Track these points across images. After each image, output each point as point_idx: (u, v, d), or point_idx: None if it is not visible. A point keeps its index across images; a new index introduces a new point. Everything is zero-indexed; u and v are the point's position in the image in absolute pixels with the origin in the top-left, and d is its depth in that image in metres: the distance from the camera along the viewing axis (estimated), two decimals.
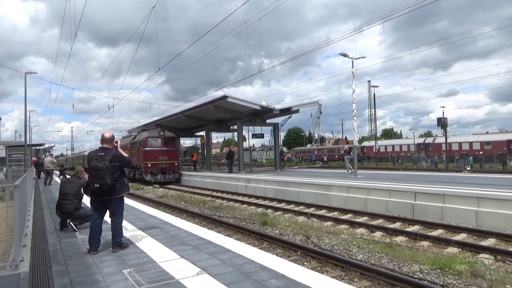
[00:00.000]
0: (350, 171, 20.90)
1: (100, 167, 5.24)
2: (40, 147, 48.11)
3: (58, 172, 28.96)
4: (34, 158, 35.01)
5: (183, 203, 16.46)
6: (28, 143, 33.72)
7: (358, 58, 18.85)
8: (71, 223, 7.36)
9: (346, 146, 24.08)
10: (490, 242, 8.16)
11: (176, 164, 28.20)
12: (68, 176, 10.14)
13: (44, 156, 33.47)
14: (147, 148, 26.83)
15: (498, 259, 6.89)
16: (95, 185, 5.26)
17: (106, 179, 5.24)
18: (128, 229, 7.37)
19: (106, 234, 6.00)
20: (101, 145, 5.68)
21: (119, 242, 5.71)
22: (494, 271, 5.97)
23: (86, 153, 47.89)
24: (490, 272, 5.81)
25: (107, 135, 5.72)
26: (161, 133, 27.73)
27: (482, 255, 7.12)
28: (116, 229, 5.70)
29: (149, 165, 26.34)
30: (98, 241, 5.65)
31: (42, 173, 29.80)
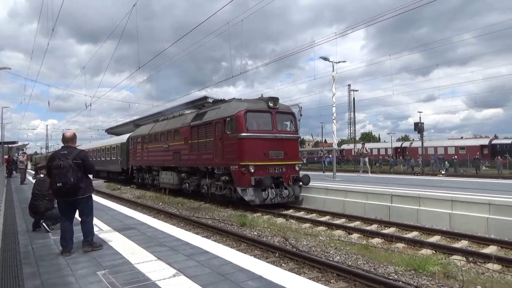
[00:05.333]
0: (364, 173, 21.92)
1: (62, 165, 5.13)
2: (13, 145, 46.59)
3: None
4: (5, 157, 33.91)
5: (161, 204, 16.25)
6: (0, 140, 32.63)
7: (339, 62, 19.08)
8: (43, 223, 7.16)
9: (363, 149, 24.27)
10: (462, 244, 8.38)
11: (297, 168, 14.41)
12: (41, 176, 9.89)
13: (17, 154, 32.49)
14: (246, 133, 13.06)
15: (469, 260, 7.07)
16: (58, 184, 5.13)
17: (69, 177, 5.11)
18: (104, 230, 7.23)
19: (80, 235, 5.86)
20: (63, 145, 5.59)
21: (89, 241, 5.60)
22: (465, 272, 6.13)
23: None
24: (462, 273, 5.97)
25: (68, 134, 5.67)
26: (271, 104, 13.85)
27: (454, 256, 7.30)
28: (87, 228, 5.60)
29: (252, 169, 12.85)
30: (70, 242, 5.51)
31: (14, 172, 28.87)
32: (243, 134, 13.02)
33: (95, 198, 14.45)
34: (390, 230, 9.79)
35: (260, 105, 13.87)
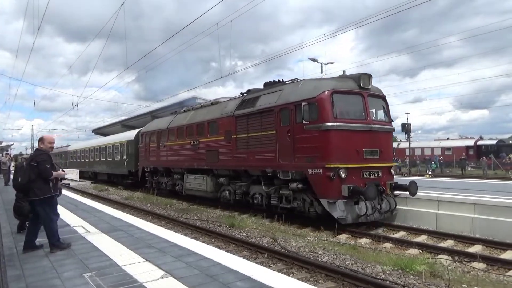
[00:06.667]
0: None
1: (19, 165, 5.53)
2: None
3: None
4: None
5: (149, 205, 16.12)
6: None
7: (327, 63, 19.23)
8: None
9: None
10: (448, 243, 8.50)
11: (393, 171, 11.13)
12: None
13: (0, 155, 31.88)
14: (333, 123, 9.58)
15: (455, 259, 7.18)
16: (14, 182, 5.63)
17: (17, 177, 5.48)
18: (91, 232, 7.15)
19: (68, 237, 5.79)
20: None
21: (53, 243, 5.63)
22: (451, 271, 6.22)
23: (69, 149, 42.35)
24: (448, 272, 6.05)
25: (40, 136, 5.91)
26: (363, 83, 10.20)
27: (441, 256, 7.40)
28: (48, 230, 5.65)
29: (343, 173, 9.42)
30: (27, 241, 5.66)
31: None
32: (330, 124, 9.44)
33: (81, 199, 14.34)
34: (378, 231, 9.88)
35: (348, 85, 10.12)
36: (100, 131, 46.52)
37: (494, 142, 46.05)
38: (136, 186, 21.80)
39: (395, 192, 10.43)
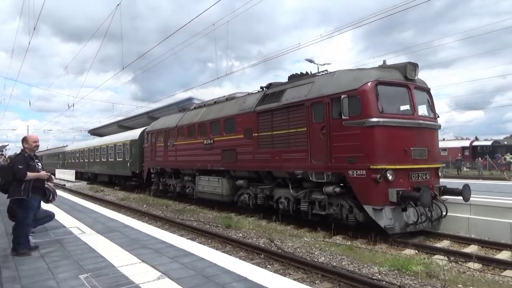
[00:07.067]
0: None
1: (2, 166, 5.46)
2: None
3: None
4: None
5: (145, 206, 16.08)
6: None
7: (324, 64, 19.28)
8: None
9: None
10: (444, 244, 8.52)
11: (438, 172, 9.92)
12: None
13: None
14: (379, 118, 8.46)
15: (451, 260, 7.21)
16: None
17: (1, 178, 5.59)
18: (86, 233, 7.11)
19: (61, 238, 5.76)
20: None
21: (14, 247, 5.56)
22: (447, 272, 6.25)
23: (66, 149, 41.05)
24: (444, 272, 6.07)
25: (23, 137, 5.87)
26: (409, 74, 9.07)
27: (436, 256, 7.43)
28: (18, 231, 5.63)
29: (390, 176, 8.34)
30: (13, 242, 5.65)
31: None
32: (375, 119, 8.40)
33: (77, 199, 14.28)
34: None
35: (393, 75, 9.06)
36: (96, 132, 46.36)
37: (489, 143, 46.28)
38: (141, 188, 20.42)
39: (443, 197, 9.37)
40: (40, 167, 5.76)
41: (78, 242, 6.28)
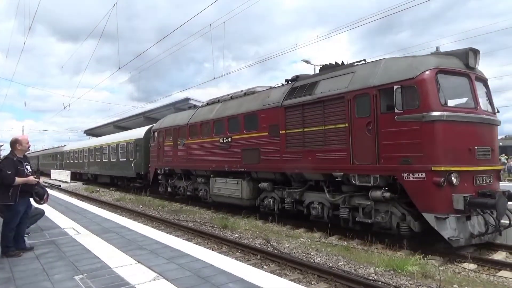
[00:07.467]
0: None
1: None
2: None
3: None
4: None
5: (141, 206, 16.03)
6: None
7: (320, 65, 19.30)
8: None
9: None
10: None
11: (500, 174, 9.36)
12: None
13: None
14: (441, 112, 7.38)
15: (446, 260, 7.23)
16: None
17: None
18: (82, 234, 7.09)
19: (57, 239, 5.73)
20: None
21: (2, 250, 5.53)
22: (443, 272, 6.28)
23: (64, 149, 39.81)
24: (439, 272, 6.10)
25: (14, 139, 5.73)
26: (471, 62, 8.01)
27: (432, 256, 7.45)
28: (2, 234, 5.59)
29: (455, 179, 7.25)
30: (16, 243, 5.59)
31: None
32: (437, 113, 7.33)
33: (72, 200, 14.23)
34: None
35: (453, 63, 7.98)
36: (92, 132, 46.23)
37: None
38: (146, 190, 19.53)
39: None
40: (29, 171, 5.64)
41: (73, 243, 6.26)
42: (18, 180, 5.36)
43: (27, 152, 6.31)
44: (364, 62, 9.54)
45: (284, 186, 10.97)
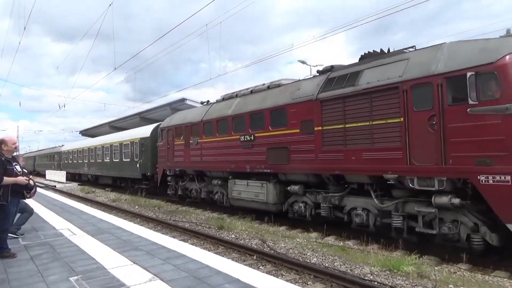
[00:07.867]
0: None
1: None
2: None
3: None
4: None
5: (137, 207, 15.98)
6: None
7: (316, 65, 19.33)
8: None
9: None
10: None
11: None
12: None
13: None
14: None
15: (442, 260, 7.26)
16: None
17: None
18: (77, 234, 7.05)
19: (52, 240, 5.70)
20: None
21: None
22: (438, 272, 6.30)
23: (62, 149, 38.96)
24: (435, 272, 6.12)
25: (1, 139, 5.73)
26: None
27: (428, 256, 7.47)
28: None
29: None
30: None
31: None
32: None
33: (67, 201, 14.16)
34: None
35: None
36: (87, 133, 45.96)
37: None
38: (155, 193, 18.64)
39: None
40: (18, 171, 5.59)
41: (68, 244, 6.23)
42: (7, 179, 5.32)
43: (24, 153, 6.26)
44: (414, 48, 8.44)
45: (318, 190, 9.90)
